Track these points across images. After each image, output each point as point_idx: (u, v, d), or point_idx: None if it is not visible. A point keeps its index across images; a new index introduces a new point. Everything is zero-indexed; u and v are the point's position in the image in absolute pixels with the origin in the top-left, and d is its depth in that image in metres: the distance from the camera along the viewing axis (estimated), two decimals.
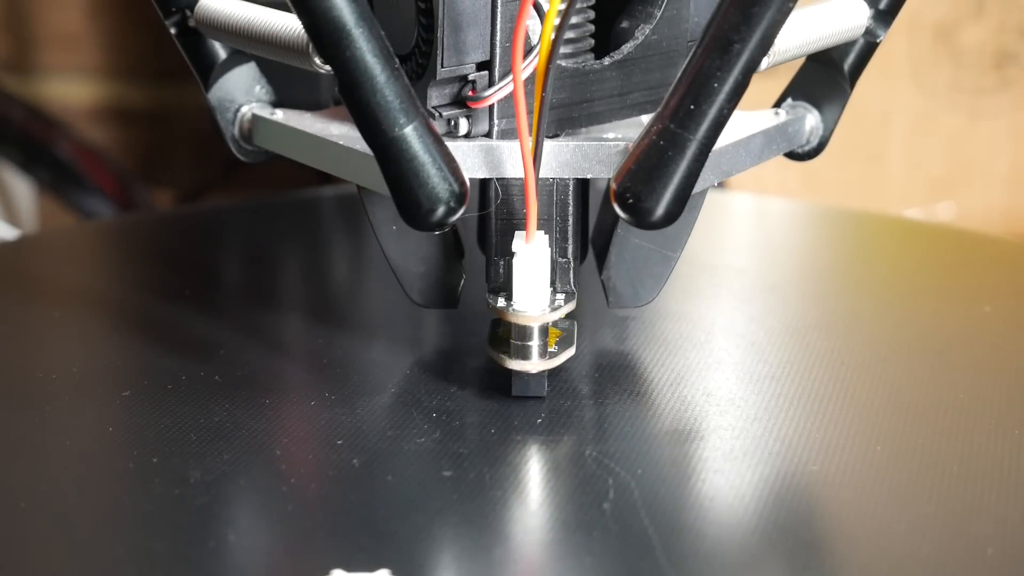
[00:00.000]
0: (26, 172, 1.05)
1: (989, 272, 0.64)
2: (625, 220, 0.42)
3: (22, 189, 1.14)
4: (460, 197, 0.42)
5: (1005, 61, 1.08)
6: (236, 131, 0.49)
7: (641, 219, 0.42)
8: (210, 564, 0.38)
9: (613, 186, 0.42)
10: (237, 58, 0.49)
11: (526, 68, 0.42)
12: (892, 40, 1.03)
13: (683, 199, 0.42)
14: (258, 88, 0.49)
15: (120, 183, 1.06)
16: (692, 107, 0.41)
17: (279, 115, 0.49)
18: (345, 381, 0.49)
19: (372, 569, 0.37)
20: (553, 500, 0.41)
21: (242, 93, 0.49)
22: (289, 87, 0.51)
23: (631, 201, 0.42)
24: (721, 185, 0.93)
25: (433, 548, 0.38)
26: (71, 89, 1.19)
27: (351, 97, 0.41)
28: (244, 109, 0.49)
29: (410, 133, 0.41)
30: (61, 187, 1.05)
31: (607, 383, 0.49)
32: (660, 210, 0.42)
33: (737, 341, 0.53)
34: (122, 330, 0.55)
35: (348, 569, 0.37)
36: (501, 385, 0.47)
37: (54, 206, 1.09)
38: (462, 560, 0.38)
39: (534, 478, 0.43)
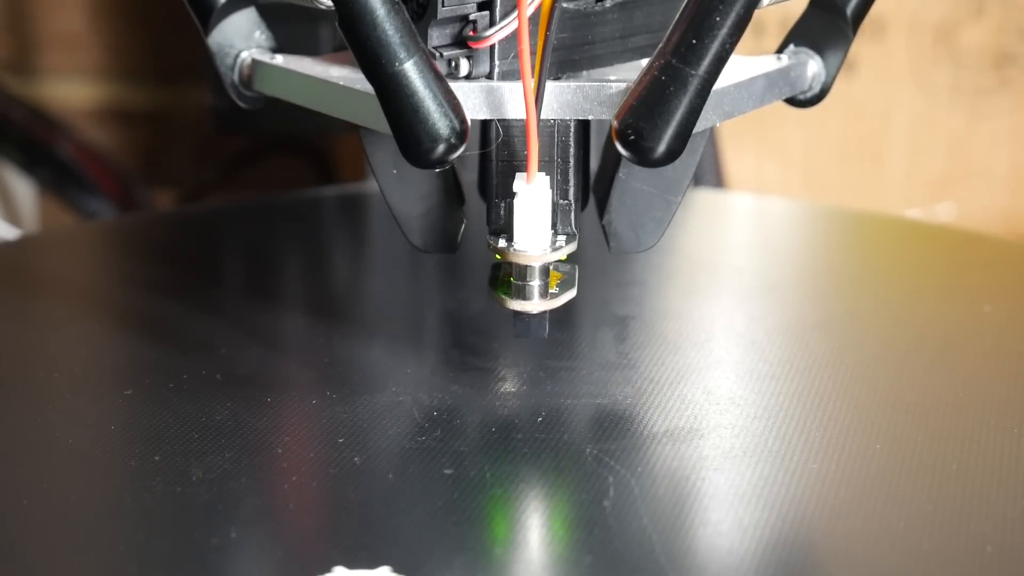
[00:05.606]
0: (27, 172, 1.05)
1: (989, 272, 0.64)
2: (627, 158, 0.42)
3: (23, 189, 1.14)
4: (461, 134, 0.41)
5: (1005, 62, 1.08)
6: (236, 77, 0.49)
7: (643, 156, 0.42)
8: (212, 562, 0.38)
9: (614, 123, 0.42)
10: (236, 2, 0.48)
11: (529, 6, 0.42)
12: (892, 40, 1.03)
13: (685, 136, 0.41)
14: (258, 33, 0.49)
15: (120, 183, 1.06)
16: (694, 41, 0.40)
17: (279, 60, 0.48)
18: (346, 380, 0.49)
19: (373, 566, 0.37)
20: (553, 498, 0.41)
21: (241, 38, 0.49)
22: (287, 40, 0.50)
23: (633, 138, 0.41)
24: (721, 185, 0.93)
25: (434, 546, 0.39)
26: (72, 90, 1.19)
27: (351, 31, 0.40)
28: (244, 55, 0.49)
29: (410, 68, 0.40)
30: (62, 187, 1.05)
31: (607, 382, 0.49)
32: (662, 147, 0.41)
33: (737, 340, 0.53)
34: (123, 329, 0.55)
35: (349, 567, 0.37)
36: (502, 384, 0.48)
37: (55, 206, 1.09)
38: (463, 558, 0.38)
39: (534, 476, 0.43)
